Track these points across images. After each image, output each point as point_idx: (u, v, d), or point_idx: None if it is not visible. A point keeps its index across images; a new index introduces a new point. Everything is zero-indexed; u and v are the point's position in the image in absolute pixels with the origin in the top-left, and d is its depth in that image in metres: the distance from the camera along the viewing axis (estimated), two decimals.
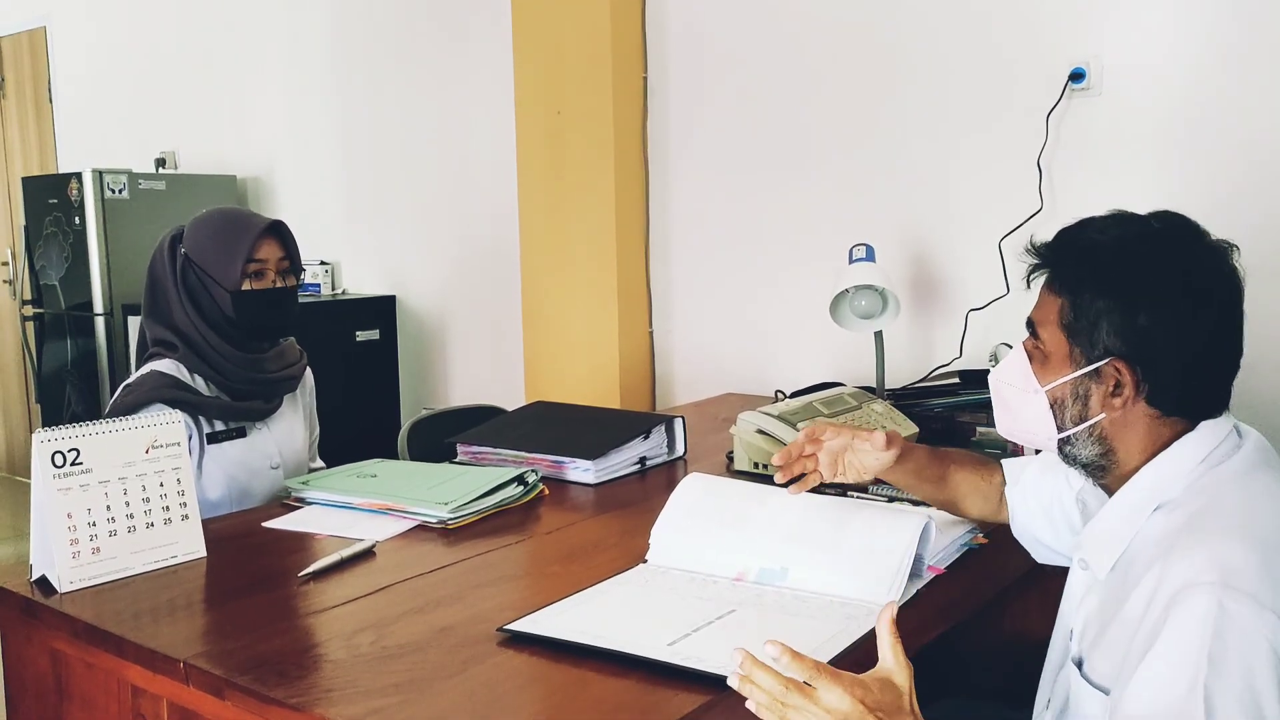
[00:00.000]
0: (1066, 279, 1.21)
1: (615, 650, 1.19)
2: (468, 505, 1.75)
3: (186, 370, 1.99)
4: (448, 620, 1.33)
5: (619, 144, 3.25)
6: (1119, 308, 1.16)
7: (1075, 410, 1.21)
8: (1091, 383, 1.19)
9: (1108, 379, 1.18)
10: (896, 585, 1.34)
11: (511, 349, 3.68)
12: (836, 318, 2.61)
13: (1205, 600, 1.02)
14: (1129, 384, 1.17)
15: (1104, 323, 1.17)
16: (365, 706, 1.10)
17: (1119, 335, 1.16)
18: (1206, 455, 1.17)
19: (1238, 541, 1.06)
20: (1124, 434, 1.20)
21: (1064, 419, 1.23)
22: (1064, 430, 1.23)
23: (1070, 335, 1.20)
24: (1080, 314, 1.18)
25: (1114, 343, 1.16)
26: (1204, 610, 1.02)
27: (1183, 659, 1.02)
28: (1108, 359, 1.17)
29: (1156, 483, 1.18)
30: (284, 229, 2.06)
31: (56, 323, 4.54)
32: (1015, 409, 1.28)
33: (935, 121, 2.79)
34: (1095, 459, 1.22)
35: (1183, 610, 1.03)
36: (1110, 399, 1.18)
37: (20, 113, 5.75)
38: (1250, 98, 2.36)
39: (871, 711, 1.02)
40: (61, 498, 1.47)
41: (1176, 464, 1.17)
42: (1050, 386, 1.22)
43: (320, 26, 4.31)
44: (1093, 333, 1.17)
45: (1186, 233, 1.20)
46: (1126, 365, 1.16)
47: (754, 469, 2.05)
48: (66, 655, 1.41)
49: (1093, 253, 1.20)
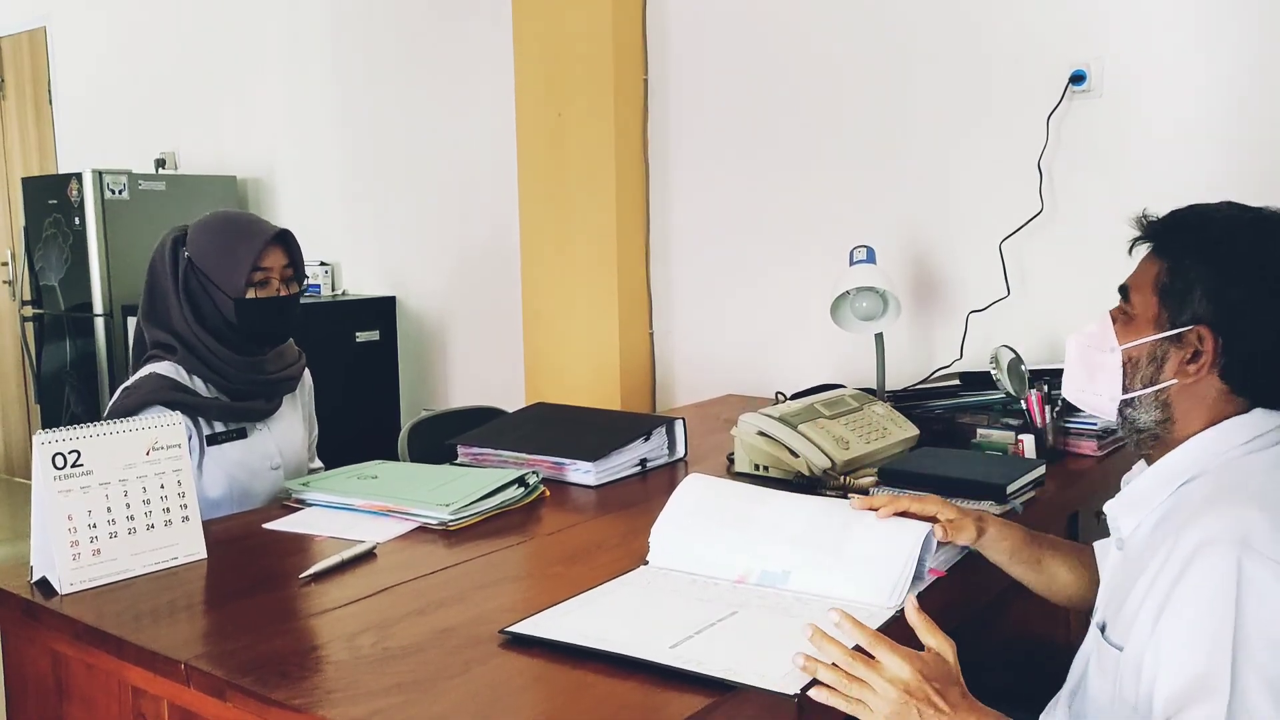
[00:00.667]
0: (1171, 244, 1.25)
1: (617, 652, 1.19)
2: (469, 507, 1.75)
3: (185, 372, 1.98)
4: (449, 622, 1.33)
5: (620, 145, 3.25)
6: (1215, 276, 1.20)
7: (1148, 372, 1.25)
8: (1171, 346, 1.23)
9: (1188, 345, 1.22)
10: (900, 589, 1.34)
11: (512, 350, 3.68)
12: (837, 319, 2.60)
13: (1224, 559, 1.06)
14: (1209, 351, 1.21)
15: (1198, 288, 1.21)
16: (367, 708, 1.10)
17: (1210, 302, 1.20)
18: (1251, 439, 1.20)
19: (1258, 508, 1.10)
20: (1188, 404, 1.24)
21: (1134, 380, 1.27)
22: (1130, 392, 1.27)
23: (1162, 297, 1.24)
24: (1177, 277, 1.23)
25: (1203, 309, 1.20)
26: (1224, 569, 1.05)
27: (1206, 620, 1.05)
28: (1193, 325, 1.21)
29: (1197, 455, 1.22)
30: (290, 238, 2.04)
31: (56, 324, 4.54)
32: (1088, 367, 1.32)
33: (936, 123, 2.79)
34: (1152, 425, 1.26)
35: (1202, 567, 1.07)
36: (1185, 365, 1.22)
37: (20, 113, 5.75)
38: (1251, 99, 2.36)
39: (928, 681, 1.10)
40: (62, 499, 1.47)
41: (1221, 440, 1.21)
42: (1128, 346, 1.27)
43: (321, 27, 4.31)
44: (1185, 297, 1.22)
45: None
46: (1211, 333, 1.20)
47: (755, 471, 2.05)
48: (67, 657, 1.41)
49: (1203, 224, 1.24)
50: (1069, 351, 1.37)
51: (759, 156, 3.13)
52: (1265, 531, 1.07)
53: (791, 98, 3.05)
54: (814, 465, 1.96)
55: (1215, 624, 1.05)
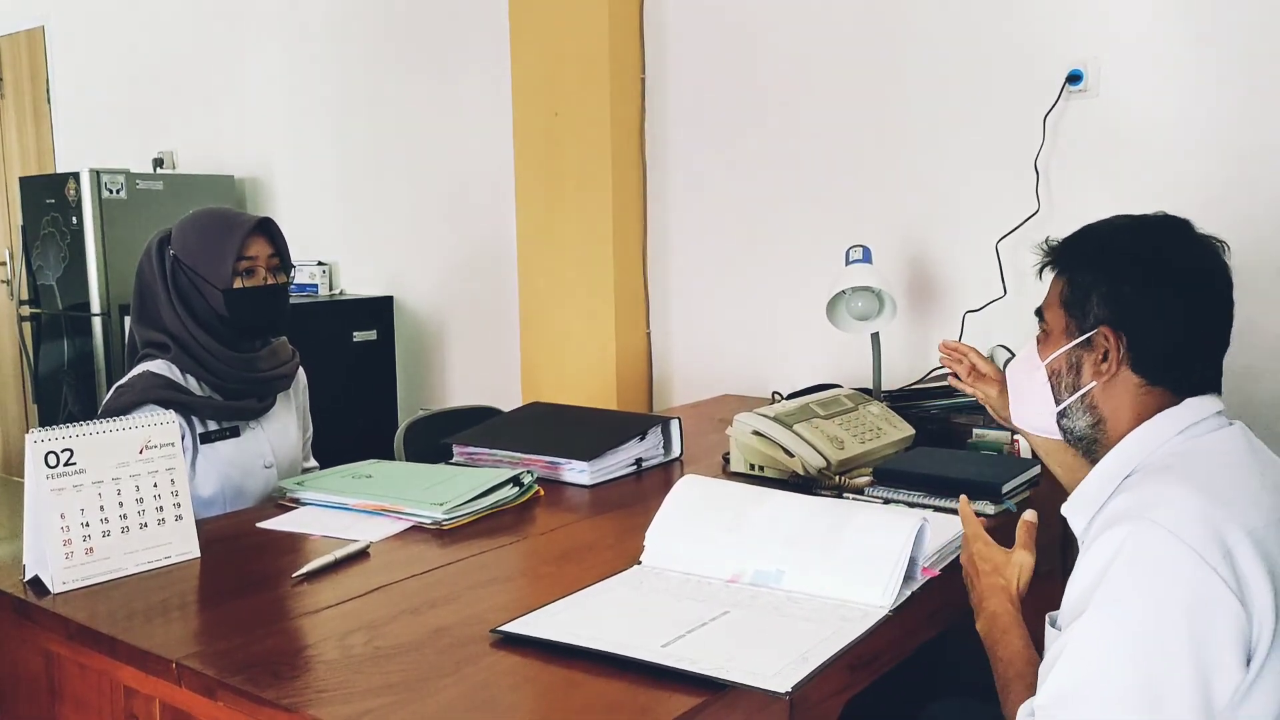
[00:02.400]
0: (1067, 261, 1.35)
1: (608, 652, 1.19)
2: (462, 506, 1.75)
3: (179, 371, 1.98)
4: (441, 621, 1.33)
5: (616, 145, 3.24)
6: (1106, 279, 1.28)
7: (1070, 380, 1.33)
8: (1084, 352, 1.31)
9: (1098, 347, 1.29)
10: (891, 587, 1.34)
11: (509, 350, 3.68)
12: (833, 319, 2.60)
13: (1126, 528, 1.11)
14: (1115, 348, 1.28)
15: (1094, 294, 1.29)
16: (358, 707, 1.10)
17: (1106, 305, 1.28)
18: (1186, 427, 1.25)
19: (1173, 487, 1.15)
20: (1113, 403, 1.30)
21: (1060, 390, 1.34)
22: (1061, 402, 1.34)
23: (1067, 309, 1.33)
24: (1075, 288, 1.32)
25: (1102, 312, 1.29)
26: (1120, 538, 1.11)
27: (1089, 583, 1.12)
28: (1097, 328, 1.29)
29: (1135, 449, 1.27)
30: (272, 226, 2.05)
31: (53, 323, 4.53)
32: (1023, 392, 1.41)
33: (932, 123, 2.79)
34: (1088, 430, 1.33)
35: (1102, 539, 1.13)
36: (1100, 365, 1.29)
37: (18, 113, 5.75)
38: (1247, 99, 2.36)
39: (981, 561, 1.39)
40: (55, 498, 1.47)
41: (1156, 433, 1.26)
42: (1049, 359, 1.35)
43: (318, 27, 4.31)
44: (1084, 304, 1.30)
45: (1174, 222, 1.33)
46: (1112, 331, 1.28)
47: (750, 470, 2.05)
48: (59, 656, 1.40)
49: (1090, 237, 1.35)
50: (1009, 381, 1.48)
51: (756, 156, 3.13)
52: (1175, 507, 1.11)
53: (788, 98, 3.05)
54: (809, 465, 1.96)
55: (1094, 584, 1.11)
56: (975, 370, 1.81)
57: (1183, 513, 1.10)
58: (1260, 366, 2.32)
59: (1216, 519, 1.09)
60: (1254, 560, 1.08)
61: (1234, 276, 1.29)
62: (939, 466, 1.89)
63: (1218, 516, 1.10)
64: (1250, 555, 1.08)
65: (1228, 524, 1.09)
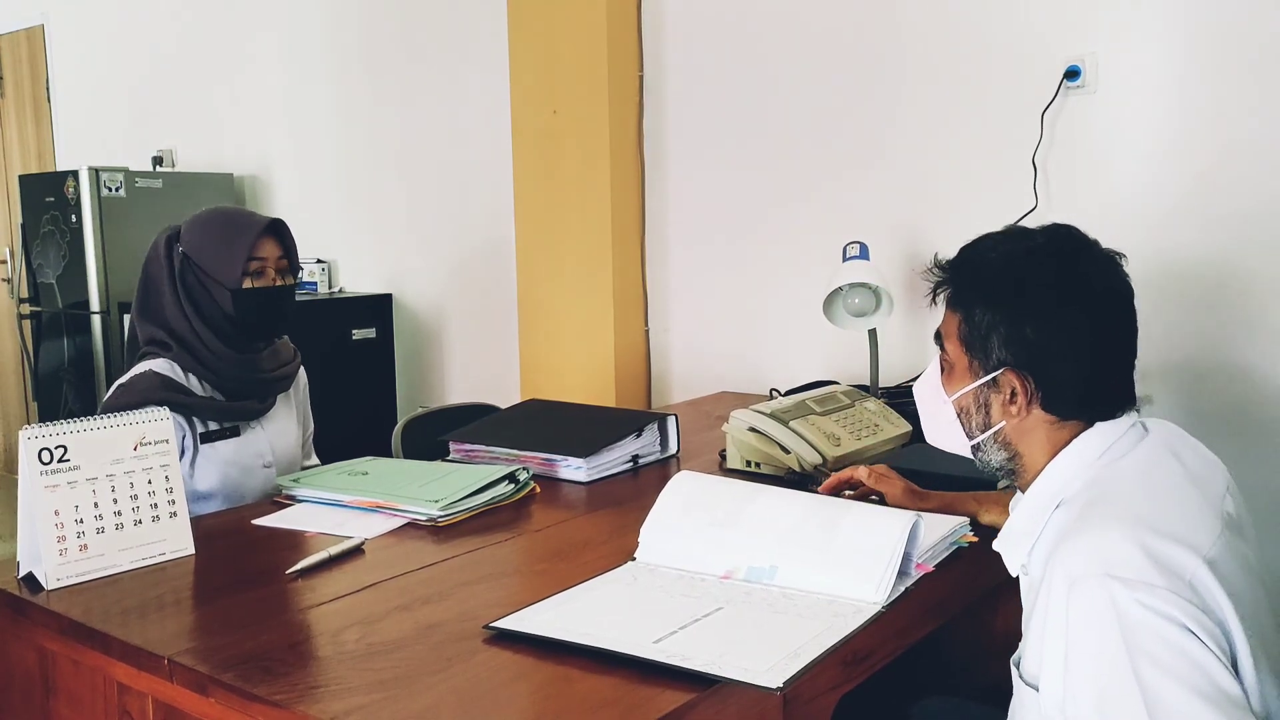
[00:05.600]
0: (960, 295, 1.29)
1: (601, 648, 1.19)
2: (458, 503, 1.75)
3: (180, 369, 1.98)
4: (434, 618, 1.33)
5: (615, 143, 3.24)
6: (1006, 320, 1.23)
7: (979, 419, 1.29)
8: (990, 392, 1.27)
9: (1004, 388, 1.25)
10: (884, 584, 1.34)
11: (508, 347, 3.68)
12: (830, 316, 2.60)
13: (1095, 594, 1.06)
14: (1022, 392, 1.23)
15: (994, 335, 1.24)
16: (349, 703, 1.10)
17: (1008, 347, 1.23)
18: (1104, 451, 1.22)
19: (1117, 528, 1.10)
20: (1026, 439, 1.26)
21: (971, 427, 1.30)
22: (973, 438, 1.30)
23: (967, 348, 1.27)
24: (973, 328, 1.26)
25: (1005, 354, 1.23)
26: (1098, 603, 1.05)
27: (1101, 658, 1.05)
28: (1001, 369, 1.24)
29: (1057, 481, 1.23)
30: (283, 227, 2.06)
31: (53, 321, 4.54)
32: (933, 418, 1.36)
33: (930, 119, 2.79)
34: (1004, 463, 1.29)
35: (1080, 607, 1.07)
36: (1008, 406, 1.25)
37: (18, 111, 5.75)
38: (1245, 95, 2.35)
39: None
40: (49, 495, 1.47)
41: (1074, 462, 1.23)
42: (955, 396, 1.30)
43: (317, 25, 4.31)
44: (985, 345, 1.25)
45: (1069, 244, 1.25)
46: (1018, 375, 1.23)
47: (746, 467, 2.05)
48: (53, 652, 1.40)
49: (981, 269, 1.27)
50: (917, 399, 1.42)
51: (754, 153, 3.12)
52: (1122, 553, 1.06)
53: (786, 94, 3.04)
54: (805, 461, 1.95)
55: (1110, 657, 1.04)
56: (873, 474, 1.71)
57: (1139, 561, 1.05)
58: (1263, 365, 2.31)
59: (1172, 556, 1.06)
60: (1214, 584, 1.06)
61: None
62: (935, 463, 1.88)
63: (1171, 552, 1.06)
64: (1210, 580, 1.06)
65: (1183, 556, 1.06)
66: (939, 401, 1.33)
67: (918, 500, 1.65)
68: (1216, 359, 2.34)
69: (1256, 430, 2.31)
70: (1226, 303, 2.32)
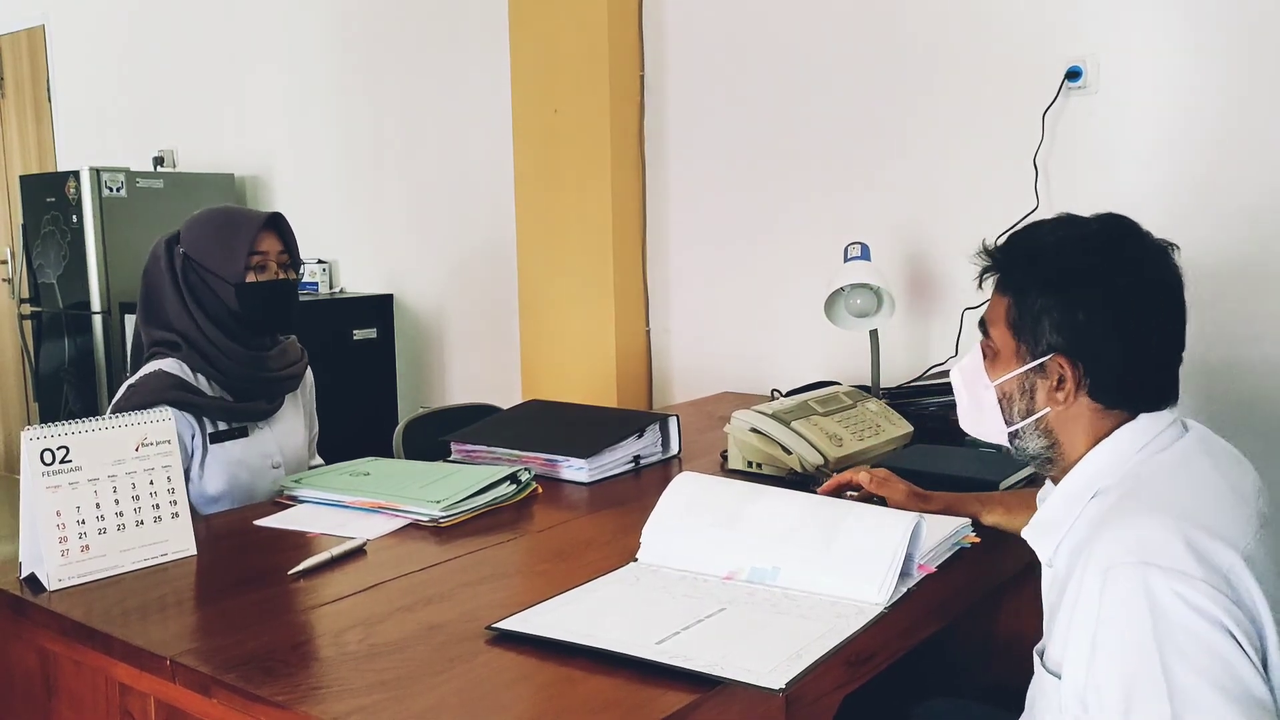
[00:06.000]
0: (1012, 280, 1.28)
1: (603, 649, 1.19)
2: (460, 503, 1.75)
3: (189, 369, 1.98)
4: (437, 618, 1.33)
5: (616, 142, 3.24)
6: (1059, 305, 1.22)
7: (1022, 405, 1.28)
8: (1037, 378, 1.26)
9: (1051, 374, 1.25)
10: (887, 584, 1.34)
11: (509, 347, 3.68)
12: (832, 316, 2.60)
13: (1131, 581, 1.06)
14: (1071, 378, 1.23)
15: (1045, 320, 1.23)
16: (351, 704, 1.10)
17: (1060, 332, 1.22)
18: (1145, 444, 1.22)
19: (1157, 518, 1.10)
20: (1068, 427, 1.26)
21: (1012, 413, 1.29)
22: (1012, 424, 1.30)
23: (1016, 333, 1.27)
24: (1024, 312, 1.25)
25: (1056, 339, 1.23)
26: (1133, 590, 1.06)
27: (1131, 646, 1.06)
28: (1050, 355, 1.24)
29: (1095, 470, 1.23)
30: (282, 221, 2.06)
31: (54, 321, 4.54)
32: (970, 404, 1.36)
33: (931, 120, 2.79)
34: (1042, 451, 1.29)
35: (1114, 592, 1.07)
36: (1054, 393, 1.25)
37: (19, 111, 5.75)
38: (1246, 95, 2.35)
39: None
40: (51, 495, 1.47)
41: (1115, 452, 1.22)
42: (999, 382, 1.30)
43: (318, 25, 4.31)
44: (1036, 330, 1.24)
45: (1124, 232, 1.26)
46: (1068, 360, 1.23)
47: (748, 468, 2.05)
48: (55, 653, 1.40)
49: (1035, 254, 1.27)
50: (954, 383, 1.40)
51: (755, 153, 3.12)
52: (1161, 542, 1.07)
53: (787, 94, 3.04)
54: (807, 462, 1.95)
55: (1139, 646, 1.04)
56: (874, 479, 1.70)
57: (1179, 551, 1.05)
58: (1269, 363, 2.31)
59: (1211, 549, 1.06)
60: (1250, 580, 1.06)
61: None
62: (937, 464, 1.89)
63: (1210, 546, 1.06)
64: (1246, 576, 1.06)
65: (1222, 550, 1.07)
66: (980, 387, 1.32)
67: (920, 503, 1.64)
68: (1222, 357, 2.32)
69: (1265, 427, 2.31)
70: (1230, 300, 2.31)
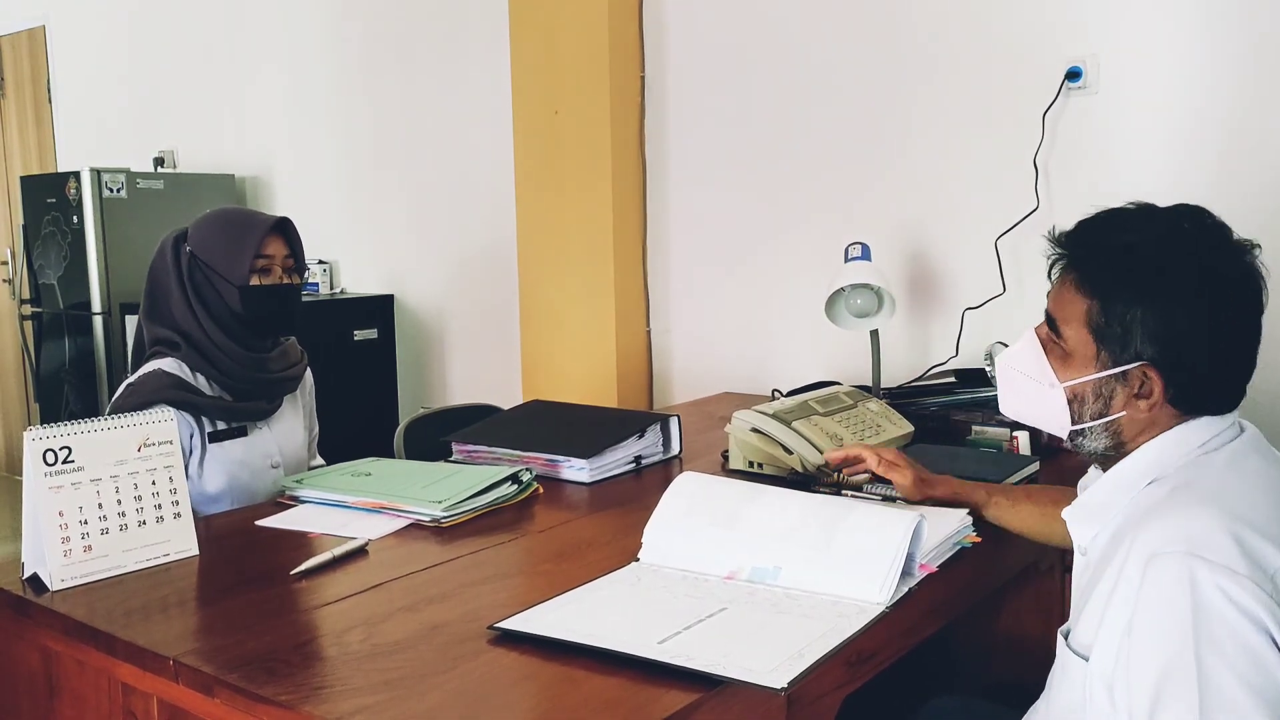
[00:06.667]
0: (1097, 281, 1.20)
1: (605, 648, 1.19)
2: (461, 504, 1.75)
3: (188, 369, 1.99)
4: (439, 618, 1.33)
5: (616, 143, 3.24)
6: (1155, 315, 1.16)
7: (1095, 407, 1.23)
8: (1117, 384, 1.21)
9: (1134, 381, 1.19)
10: (888, 584, 1.34)
11: (510, 348, 3.68)
12: (832, 316, 2.60)
13: (1176, 570, 1.05)
14: (1159, 387, 1.18)
15: (1138, 329, 1.17)
16: (354, 704, 1.10)
17: (1153, 341, 1.16)
18: (1206, 441, 1.19)
19: (1208, 512, 1.09)
20: (1140, 429, 1.22)
21: (1082, 414, 1.24)
22: (1080, 424, 1.25)
23: (1099, 338, 1.20)
24: (1112, 318, 1.18)
25: (1146, 349, 1.17)
26: (1177, 580, 1.05)
27: (1168, 634, 1.05)
28: (1138, 363, 1.18)
29: (1155, 459, 1.20)
30: (290, 226, 2.07)
31: (55, 322, 4.54)
32: (1028, 397, 1.30)
33: (932, 120, 2.79)
34: (1106, 450, 1.25)
35: (1157, 582, 1.06)
36: (1135, 400, 1.20)
37: (19, 112, 5.75)
38: (1247, 95, 2.35)
39: None
40: (53, 496, 1.47)
41: (1177, 445, 1.20)
42: (1071, 384, 1.23)
43: (319, 25, 4.31)
44: (1125, 337, 1.18)
45: (1216, 234, 1.19)
46: (1157, 371, 1.17)
47: (748, 468, 2.05)
48: (57, 653, 1.40)
49: (1126, 256, 1.19)
50: (999, 371, 1.35)
51: (755, 154, 3.12)
52: (1211, 536, 1.06)
53: (787, 95, 3.04)
54: (807, 462, 1.95)
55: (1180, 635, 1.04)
56: (883, 461, 1.69)
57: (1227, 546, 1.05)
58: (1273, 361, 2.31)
59: (1260, 549, 1.06)
60: None
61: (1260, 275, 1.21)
62: (938, 463, 1.89)
63: (1260, 546, 1.06)
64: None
65: (1271, 552, 1.06)
66: (1045, 384, 1.25)
67: (927, 488, 1.64)
68: None
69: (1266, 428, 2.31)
70: None
